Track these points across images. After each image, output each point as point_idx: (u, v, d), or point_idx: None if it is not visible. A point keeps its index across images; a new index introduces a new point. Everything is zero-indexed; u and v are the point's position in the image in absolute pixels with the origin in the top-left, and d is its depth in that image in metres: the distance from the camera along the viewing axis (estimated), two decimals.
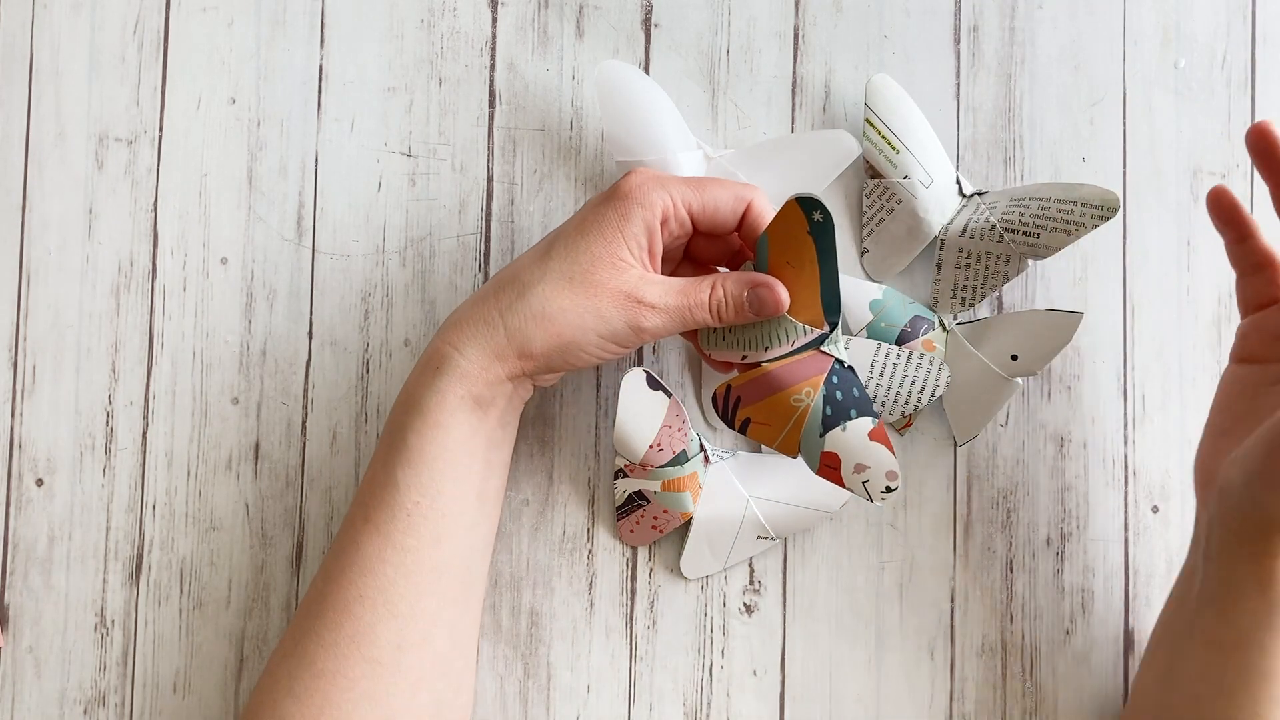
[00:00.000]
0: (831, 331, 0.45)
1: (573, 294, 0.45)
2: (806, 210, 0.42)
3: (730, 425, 0.47)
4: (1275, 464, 0.43)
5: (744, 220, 0.47)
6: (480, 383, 0.45)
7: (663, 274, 0.49)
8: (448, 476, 0.45)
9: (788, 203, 0.42)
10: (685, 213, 0.46)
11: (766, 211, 0.47)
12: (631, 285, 0.45)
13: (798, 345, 0.45)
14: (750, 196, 0.47)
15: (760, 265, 0.45)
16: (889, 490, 0.44)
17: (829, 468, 0.45)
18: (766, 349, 0.45)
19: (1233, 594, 0.45)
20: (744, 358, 0.46)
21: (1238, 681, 0.46)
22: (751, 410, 0.46)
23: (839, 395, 0.45)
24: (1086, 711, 0.53)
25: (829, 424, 0.45)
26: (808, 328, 0.45)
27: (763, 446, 0.52)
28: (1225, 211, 0.48)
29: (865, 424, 0.44)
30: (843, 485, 0.45)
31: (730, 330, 0.47)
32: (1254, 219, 0.49)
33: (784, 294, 0.45)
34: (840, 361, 0.45)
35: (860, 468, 0.44)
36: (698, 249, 0.49)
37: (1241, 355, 0.49)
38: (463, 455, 0.46)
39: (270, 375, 0.53)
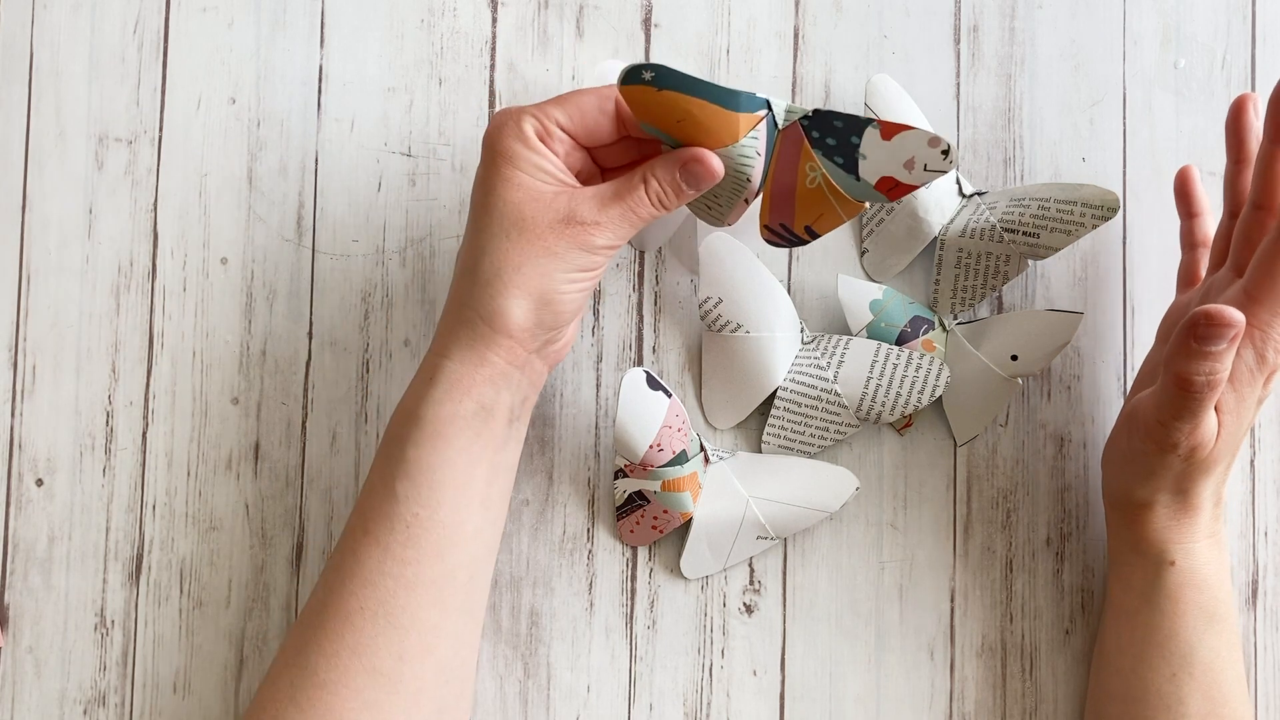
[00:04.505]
0: (768, 110, 0.43)
1: (517, 248, 0.43)
2: (637, 80, 0.40)
3: (803, 243, 0.47)
4: (1108, 450, 0.49)
5: (620, 119, 0.44)
6: (479, 382, 0.44)
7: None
8: (448, 487, 0.44)
9: (621, 90, 0.41)
10: (558, 128, 0.44)
11: None
12: (564, 210, 0.43)
13: (762, 151, 0.43)
14: (614, 94, 0.44)
15: (670, 143, 0.43)
16: (946, 152, 0.42)
17: (893, 189, 0.44)
18: (749, 180, 0.44)
19: (1122, 560, 0.49)
20: (746, 202, 0.45)
21: (1146, 644, 0.48)
22: (801, 217, 0.45)
23: (830, 141, 0.43)
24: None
25: (850, 165, 0.44)
26: (751, 134, 0.43)
27: (762, 446, 0.53)
28: (1183, 186, 0.52)
29: (871, 135, 0.43)
30: (917, 186, 0.43)
31: (706, 194, 0.46)
32: (1207, 202, 0.52)
33: (712, 160, 0.43)
34: (806, 117, 0.44)
35: (910, 164, 0.43)
36: (605, 159, 0.47)
37: (1158, 335, 0.52)
38: (463, 463, 0.44)
39: (270, 375, 0.53)
